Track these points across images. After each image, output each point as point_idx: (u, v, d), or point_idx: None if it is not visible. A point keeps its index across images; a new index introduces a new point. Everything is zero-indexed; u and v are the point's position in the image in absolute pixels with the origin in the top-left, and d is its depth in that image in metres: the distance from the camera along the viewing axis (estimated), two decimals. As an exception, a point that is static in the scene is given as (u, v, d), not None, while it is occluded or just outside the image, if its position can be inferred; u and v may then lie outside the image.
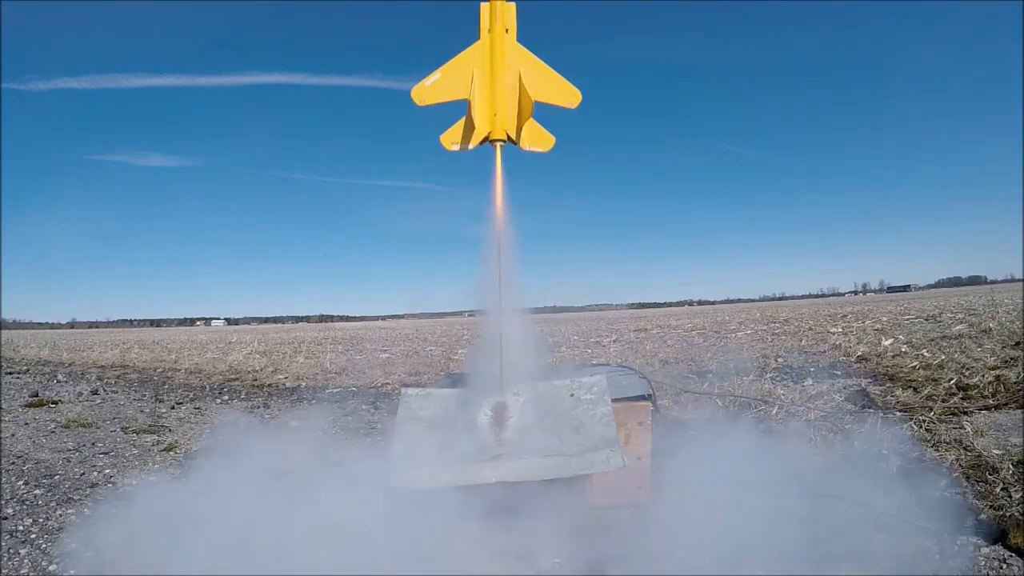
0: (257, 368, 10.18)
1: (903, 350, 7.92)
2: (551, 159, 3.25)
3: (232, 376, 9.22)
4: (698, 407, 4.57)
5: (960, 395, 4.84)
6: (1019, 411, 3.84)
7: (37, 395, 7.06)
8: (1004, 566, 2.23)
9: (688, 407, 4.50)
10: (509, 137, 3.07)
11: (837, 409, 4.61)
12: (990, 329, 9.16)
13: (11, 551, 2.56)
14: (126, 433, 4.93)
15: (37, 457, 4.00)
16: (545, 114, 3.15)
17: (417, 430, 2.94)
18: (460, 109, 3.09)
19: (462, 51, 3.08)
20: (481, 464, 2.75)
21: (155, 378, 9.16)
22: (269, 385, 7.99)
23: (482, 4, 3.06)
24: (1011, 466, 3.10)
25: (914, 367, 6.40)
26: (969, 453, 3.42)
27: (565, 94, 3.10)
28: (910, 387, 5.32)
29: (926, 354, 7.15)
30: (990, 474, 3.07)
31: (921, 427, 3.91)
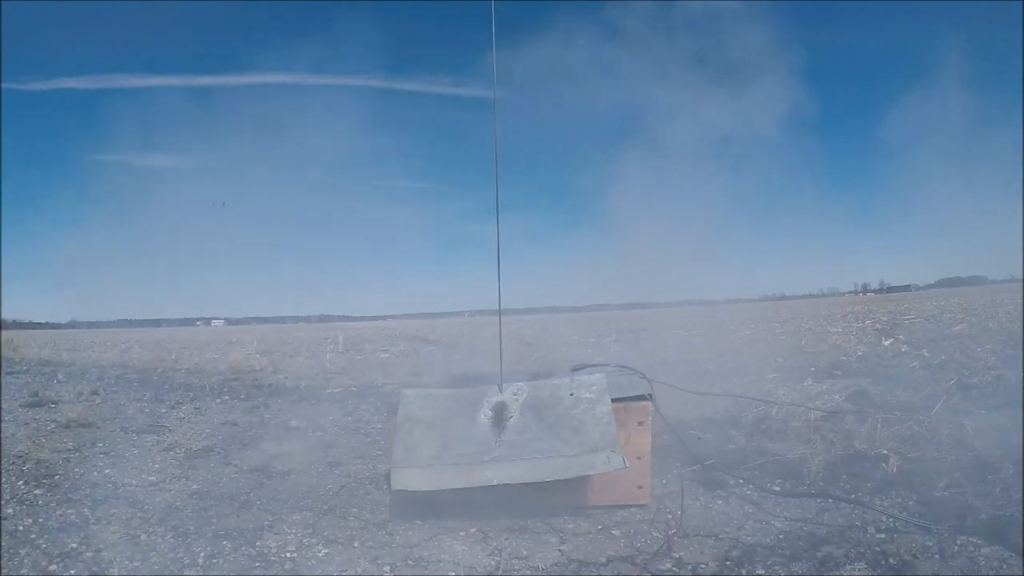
0: (257, 368, 10.17)
1: (903, 350, 7.92)
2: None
3: (232, 376, 9.21)
4: (698, 407, 4.57)
5: (960, 395, 4.84)
6: (1019, 411, 3.84)
7: (37, 395, 7.05)
8: (1004, 566, 2.23)
9: (688, 407, 4.50)
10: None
11: (837, 409, 4.61)
12: (990, 329, 9.16)
13: (11, 551, 2.56)
14: (126, 433, 4.93)
15: (37, 457, 4.00)
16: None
17: (417, 431, 2.94)
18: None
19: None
20: (482, 465, 2.75)
21: (155, 378, 9.15)
22: (269, 385, 7.99)
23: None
24: (1011, 466, 3.10)
25: (914, 367, 6.39)
26: (969, 453, 3.42)
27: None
28: (910, 387, 5.32)
29: (926, 354, 7.14)
30: (990, 474, 3.07)
31: (921, 427, 3.91)
